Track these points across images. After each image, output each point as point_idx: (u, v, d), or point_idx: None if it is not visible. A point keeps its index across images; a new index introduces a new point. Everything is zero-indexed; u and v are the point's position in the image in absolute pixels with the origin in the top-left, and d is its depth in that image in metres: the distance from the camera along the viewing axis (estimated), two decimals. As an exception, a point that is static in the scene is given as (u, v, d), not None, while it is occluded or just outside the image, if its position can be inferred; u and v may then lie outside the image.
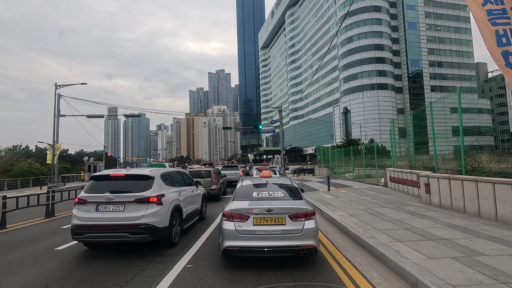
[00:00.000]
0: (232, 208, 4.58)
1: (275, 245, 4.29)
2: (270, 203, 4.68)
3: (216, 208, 12.02)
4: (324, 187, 17.18)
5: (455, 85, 70.82)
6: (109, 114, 25.24)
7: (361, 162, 22.70)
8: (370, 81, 65.98)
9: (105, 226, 5.13)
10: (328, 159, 30.73)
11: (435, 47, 71.09)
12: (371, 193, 12.60)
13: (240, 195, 5.14)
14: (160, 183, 5.89)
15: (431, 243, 4.96)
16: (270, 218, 4.41)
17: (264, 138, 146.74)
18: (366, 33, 66.60)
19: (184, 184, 7.52)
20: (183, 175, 7.94)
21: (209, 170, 15.47)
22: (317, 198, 11.68)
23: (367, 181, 18.56)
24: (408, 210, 8.29)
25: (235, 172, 22.66)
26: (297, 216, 4.43)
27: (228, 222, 4.49)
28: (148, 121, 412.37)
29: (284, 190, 5.29)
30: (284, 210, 4.46)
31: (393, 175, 13.24)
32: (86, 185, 5.82)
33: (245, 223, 4.41)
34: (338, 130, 73.49)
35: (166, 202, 5.71)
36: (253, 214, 4.43)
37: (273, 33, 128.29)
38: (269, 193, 5.11)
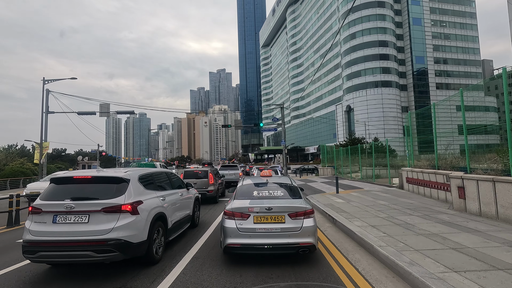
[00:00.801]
0: (233, 207, 4.67)
1: (275, 243, 4.40)
2: (270, 201, 4.74)
3: (213, 212, 10.68)
4: (331, 188, 15.69)
5: (461, 83, 69.26)
6: (101, 111, 23.80)
7: (369, 162, 21.19)
8: (374, 78, 64.32)
9: (64, 242, 4.06)
10: (332, 159, 29.23)
11: (440, 44, 69.33)
12: (386, 196, 11.09)
13: (241, 194, 5.20)
14: (137, 187, 4.85)
15: (504, 276, 3.47)
16: (270, 216, 4.50)
17: (265, 137, 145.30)
18: (370, 29, 64.95)
19: (171, 187, 6.42)
20: (170, 176, 6.87)
21: (206, 170, 14.07)
22: (326, 203, 10.19)
23: (377, 182, 17.05)
24: (441, 219, 6.79)
25: (234, 172, 21.20)
26: (296, 215, 4.52)
27: (230, 220, 4.58)
28: (149, 120, 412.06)
29: (284, 189, 5.31)
30: (284, 209, 4.55)
31: (410, 176, 11.73)
32: (44, 190, 4.70)
33: (246, 221, 4.51)
34: (340, 129, 71.88)
35: (145, 211, 4.66)
36: (253, 212, 4.53)
37: (274, 31, 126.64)
38: (269, 192, 5.14)
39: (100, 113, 23.84)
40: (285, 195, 5.13)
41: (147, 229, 4.60)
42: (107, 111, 23.82)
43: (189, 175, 13.79)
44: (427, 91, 67.49)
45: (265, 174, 6.34)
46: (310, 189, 16.22)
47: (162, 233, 5.21)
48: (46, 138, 23.01)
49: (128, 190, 4.56)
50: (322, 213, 8.94)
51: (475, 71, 71.29)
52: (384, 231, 5.85)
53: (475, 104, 10.48)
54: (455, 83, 69.15)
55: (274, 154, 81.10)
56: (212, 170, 14.68)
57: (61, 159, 71.29)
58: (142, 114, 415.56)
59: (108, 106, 23.90)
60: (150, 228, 4.67)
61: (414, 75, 67.38)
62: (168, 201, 5.70)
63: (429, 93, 67.37)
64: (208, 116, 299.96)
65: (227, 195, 16.26)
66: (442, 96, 67.65)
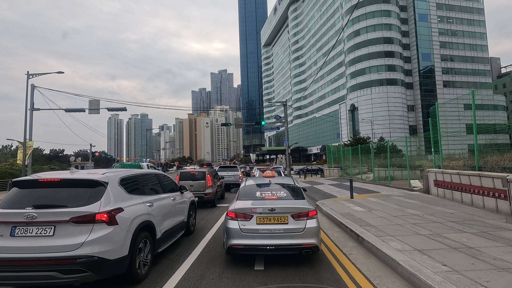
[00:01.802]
0: (236, 208, 4.68)
1: (278, 244, 4.38)
2: (273, 202, 4.72)
3: (211, 217, 9.56)
4: (342, 192, 13.87)
5: (469, 81, 67.26)
6: (90, 108, 22.12)
7: (380, 162, 19.36)
8: (379, 76, 62.35)
9: (22, 260, 3.38)
10: (338, 159, 27.38)
11: (447, 41, 67.25)
12: (414, 203, 9.26)
13: (244, 195, 5.18)
14: (117, 192, 4.17)
15: None
16: (273, 217, 4.49)
17: (267, 137, 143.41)
18: (375, 26, 62.99)
19: (162, 191, 5.69)
20: (161, 178, 6.03)
21: (203, 171, 12.52)
22: (342, 211, 8.37)
23: (394, 185, 15.20)
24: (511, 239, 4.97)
25: (234, 173, 19.40)
26: (299, 216, 4.51)
27: (233, 221, 4.58)
28: (150, 121, 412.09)
29: (287, 190, 5.25)
30: (287, 210, 4.53)
31: (441, 179, 9.89)
32: (5, 195, 3.96)
33: (248, 222, 4.51)
34: (344, 129, 69.93)
35: (126, 220, 3.97)
36: (256, 213, 4.53)
37: (275, 30, 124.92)
38: (272, 193, 5.10)
39: (90, 109, 22.19)
40: (288, 196, 5.08)
41: (129, 242, 3.89)
42: (97, 107, 22.16)
43: (185, 177, 12.21)
44: (434, 89, 65.41)
45: (268, 175, 6.20)
46: (318, 193, 14.41)
47: (149, 246, 4.49)
48: (31, 137, 21.33)
49: (106, 195, 3.89)
50: (340, 227, 7.14)
51: (483, 68, 69.14)
52: (442, 261, 4.04)
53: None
54: (463, 81, 67.07)
55: (276, 155, 79.24)
56: (210, 172, 13.08)
57: (58, 160, 69.77)
58: (144, 115, 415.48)
59: (98, 103, 22.24)
60: (133, 241, 3.98)
61: (421, 73, 65.33)
62: (157, 207, 4.99)
63: (436, 92, 65.31)
64: (210, 117, 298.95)
65: (227, 198, 14.62)
66: (449, 95, 65.66)
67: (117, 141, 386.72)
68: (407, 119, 63.41)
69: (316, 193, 14.35)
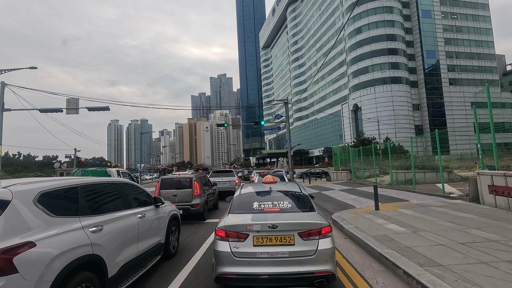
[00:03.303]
0: (227, 224, 3.62)
1: (282, 272, 3.37)
2: (275, 216, 3.69)
3: (198, 233, 7.75)
4: (359, 201, 11.35)
5: (475, 78, 64.94)
6: (68, 107, 19.70)
7: (399, 164, 16.87)
8: (383, 74, 60.01)
9: None
10: (346, 160, 24.88)
11: (452, 37, 65.01)
12: (472, 218, 6.73)
13: (238, 207, 4.12)
14: (29, 215, 2.73)
15: None
16: (274, 237, 3.49)
17: (267, 141, 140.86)
18: (377, 23, 60.84)
19: (124, 206, 4.14)
20: (124, 189, 4.44)
21: (189, 177, 10.05)
22: (374, 233, 5.85)
23: (420, 190, 12.66)
24: None
25: (229, 179, 16.88)
26: (309, 234, 3.49)
27: (222, 242, 3.58)
28: (150, 127, 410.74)
29: (292, 200, 4.19)
30: (293, 226, 3.51)
31: (501, 183, 7.36)
32: None
33: (243, 244, 3.50)
34: (347, 129, 67.45)
35: (37, 263, 2.54)
36: (253, 231, 3.51)
37: (274, 31, 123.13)
38: (273, 204, 4.06)
39: (67, 109, 19.79)
40: (294, 208, 4.01)
41: None
42: (76, 107, 19.76)
43: (167, 185, 9.83)
44: (440, 87, 63.00)
45: (268, 181, 5.03)
46: (330, 201, 11.89)
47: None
48: (0, 141, 18.86)
49: (2, 221, 2.49)
50: (379, 260, 4.64)
51: (489, 65, 66.82)
52: None
53: None
54: (470, 78, 64.70)
55: (277, 158, 76.69)
56: (199, 178, 10.57)
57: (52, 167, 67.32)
58: (144, 121, 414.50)
59: (77, 102, 19.84)
60: None
61: (425, 71, 62.99)
62: (110, 232, 3.54)
63: (442, 90, 62.91)
64: (210, 121, 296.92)
65: (221, 208, 12.22)
66: (456, 93, 63.35)
67: (117, 147, 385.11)
68: (413, 119, 60.95)
69: (327, 202, 11.83)
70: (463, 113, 62.94)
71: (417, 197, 10.74)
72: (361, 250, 5.43)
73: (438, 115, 62.36)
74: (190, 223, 9.13)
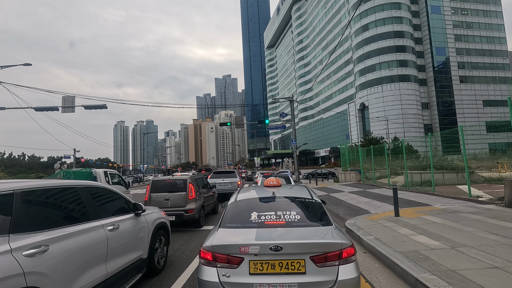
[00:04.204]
0: (215, 244, 2.74)
1: None
2: (279, 234, 2.77)
3: (191, 244, 6.79)
4: (374, 204, 10.21)
5: (487, 75, 62.91)
6: (64, 106, 18.92)
7: (415, 164, 15.67)
8: (390, 72, 58.42)
9: None
10: (355, 161, 23.68)
11: (462, 33, 63.08)
12: (515, 227, 5.57)
13: (232, 218, 3.19)
14: None
15: None
16: (278, 262, 2.60)
17: (272, 141, 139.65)
18: (384, 19, 59.30)
19: (88, 217, 3.25)
20: (92, 194, 3.52)
21: (183, 179, 8.98)
22: (401, 248, 4.74)
23: (440, 193, 11.45)
24: None
25: (231, 180, 15.85)
26: (326, 258, 2.59)
27: (208, 268, 2.72)
28: (156, 128, 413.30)
29: (301, 209, 3.22)
30: (304, 247, 2.61)
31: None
32: None
33: (235, 271, 2.63)
34: (354, 129, 65.95)
35: None
36: (249, 254, 2.63)
37: (279, 31, 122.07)
38: (277, 215, 3.11)
39: (63, 107, 19.03)
40: (304, 220, 3.03)
41: None
42: (72, 105, 18.99)
43: (158, 188, 8.79)
44: (450, 85, 61.11)
45: (271, 184, 4.03)
46: (340, 205, 10.77)
47: None
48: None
49: None
50: (410, 285, 3.54)
51: (502, 62, 64.65)
52: None
53: None
54: (481, 75, 62.64)
55: (282, 158, 75.51)
56: (195, 180, 9.51)
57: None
58: (149, 122, 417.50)
59: (73, 99, 19.07)
60: None
61: (435, 68, 61.19)
62: (59, 253, 2.66)
63: (452, 87, 61.02)
64: (215, 122, 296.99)
65: (221, 213, 11.19)
66: (466, 91, 61.45)
67: (123, 148, 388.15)
68: (422, 118, 59.19)
69: (338, 206, 10.71)
70: (474, 112, 60.97)
71: (439, 201, 9.56)
72: (388, 271, 4.33)
73: (448, 113, 60.49)
74: (183, 231, 8.14)
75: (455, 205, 8.53)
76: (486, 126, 17.88)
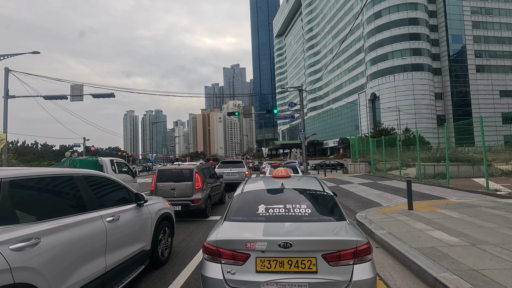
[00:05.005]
0: (220, 238, 2.58)
1: None
2: (288, 229, 2.61)
3: (197, 235, 6.65)
4: (385, 197, 9.91)
5: (505, 64, 60.37)
6: (73, 94, 18.99)
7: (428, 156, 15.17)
8: (403, 61, 56.64)
9: None
10: (365, 152, 23.20)
11: (481, 20, 60.34)
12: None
13: (238, 211, 3.01)
14: None
15: None
16: (288, 260, 2.43)
17: (280, 131, 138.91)
18: (398, 6, 57.11)
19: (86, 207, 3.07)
20: (91, 183, 3.36)
21: (189, 168, 8.84)
22: (418, 244, 4.48)
23: (455, 186, 11.03)
24: None
25: (239, 170, 15.72)
26: (339, 256, 2.41)
27: (212, 264, 2.57)
28: (165, 117, 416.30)
29: (311, 203, 3.02)
30: (315, 244, 2.44)
31: None
32: None
33: (241, 268, 2.47)
34: (364, 120, 64.78)
35: None
36: (256, 250, 2.46)
37: (288, 18, 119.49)
38: (286, 208, 2.91)
39: (72, 96, 19.11)
40: (315, 214, 2.82)
41: None
42: (80, 94, 19.04)
43: (164, 177, 8.69)
44: (466, 74, 58.99)
45: (280, 175, 3.84)
46: (350, 197, 10.50)
47: None
48: (6, 129, 18.42)
49: None
50: (429, 285, 3.30)
51: (522, 50, 61.84)
52: None
53: None
54: (499, 64, 60.17)
55: (290, 149, 75.07)
56: (202, 169, 9.35)
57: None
58: (158, 111, 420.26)
59: (81, 88, 19.12)
60: None
61: (450, 57, 59.00)
62: (52, 247, 2.48)
63: (468, 77, 58.92)
64: (223, 112, 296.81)
65: (228, 203, 11.06)
66: (483, 80, 59.23)
67: (133, 137, 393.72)
68: (435, 108, 57.55)
69: (348, 198, 10.44)
70: (491, 102, 58.90)
71: (455, 195, 9.18)
72: (403, 268, 4.09)
73: (463, 104, 58.62)
74: (189, 221, 8.04)
75: (472, 199, 8.15)
76: (502, 117, 17.13)
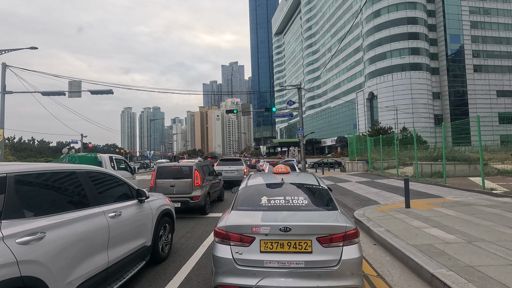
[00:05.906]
0: (229, 224, 2.99)
1: (296, 287, 2.70)
2: (288, 216, 3.01)
3: (196, 231, 6.69)
4: (382, 195, 10.00)
5: (503, 64, 60.72)
6: (71, 90, 18.87)
7: (425, 155, 15.29)
8: (401, 60, 56.78)
9: None
10: (362, 150, 23.31)
11: (479, 20, 60.57)
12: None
13: (243, 202, 3.42)
14: None
15: None
16: (287, 242, 2.84)
17: (278, 130, 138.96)
18: (397, 5, 57.16)
19: (88, 203, 3.11)
20: (93, 179, 3.37)
21: (188, 166, 8.88)
22: (415, 241, 4.55)
23: (451, 185, 11.15)
24: None
25: (238, 168, 15.76)
26: (331, 239, 2.82)
27: (222, 246, 2.97)
28: (163, 114, 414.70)
29: (308, 195, 3.45)
30: (311, 229, 2.86)
31: None
32: None
33: (247, 249, 2.88)
34: (362, 119, 64.97)
35: None
36: (260, 234, 2.86)
37: (287, 17, 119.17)
38: (285, 199, 3.33)
39: (70, 92, 18.99)
40: (311, 205, 3.26)
41: None
42: (78, 90, 18.92)
43: (163, 174, 8.73)
44: (463, 74, 59.28)
45: (280, 171, 4.20)
46: (348, 195, 10.59)
47: None
48: (3, 125, 18.31)
49: None
50: (430, 285, 3.38)
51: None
52: None
53: None
54: (496, 64, 60.51)
55: (288, 147, 75.18)
56: (200, 167, 9.40)
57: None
58: (156, 108, 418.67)
59: (79, 84, 19.00)
60: None
61: (448, 57, 59.24)
62: (56, 240, 2.54)
63: (465, 77, 59.22)
64: (221, 110, 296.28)
65: (227, 200, 11.19)
66: (480, 80, 59.59)
67: (130, 134, 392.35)
68: (432, 108, 57.85)
69: (346, 195, 10.53)
70: (487, 102, 59.29)
71: (452, 193, 9.28)
72: (400, 264, 4.16)
73: (460, 104, 58.96)
74: (189, 218, 8.09)
75: (468, 198, 8.25)
76: (499, 117, 17.29)
